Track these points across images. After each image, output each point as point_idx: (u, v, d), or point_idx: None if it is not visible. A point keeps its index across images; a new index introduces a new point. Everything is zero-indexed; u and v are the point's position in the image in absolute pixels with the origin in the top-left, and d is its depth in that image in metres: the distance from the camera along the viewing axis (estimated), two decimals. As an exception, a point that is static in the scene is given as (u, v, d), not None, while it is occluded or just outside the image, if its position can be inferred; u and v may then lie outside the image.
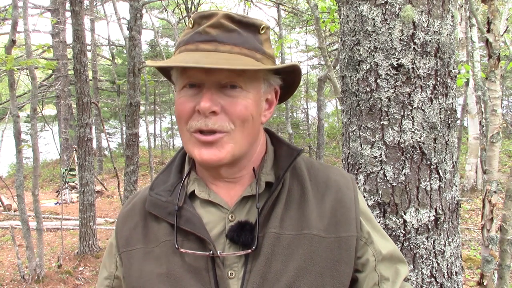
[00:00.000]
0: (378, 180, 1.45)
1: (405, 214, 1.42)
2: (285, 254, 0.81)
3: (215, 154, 0.80)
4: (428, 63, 1.41)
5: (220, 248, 0.82)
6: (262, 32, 0.85)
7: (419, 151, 1.42)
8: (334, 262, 0.82)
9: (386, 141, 1.44)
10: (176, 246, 0.82)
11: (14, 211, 9.26)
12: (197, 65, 0.75)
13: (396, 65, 1.40)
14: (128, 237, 0.90)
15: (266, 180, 0.87)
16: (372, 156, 1.46)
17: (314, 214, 0.85)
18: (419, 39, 1.39)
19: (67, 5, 12.44)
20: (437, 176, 1.44)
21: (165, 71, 0.92)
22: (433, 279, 1.44)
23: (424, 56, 1.40)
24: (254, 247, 0.80)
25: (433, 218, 1.44)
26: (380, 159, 1.45)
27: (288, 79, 0.91)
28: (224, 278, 0.80)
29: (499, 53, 2.07)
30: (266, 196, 0.84)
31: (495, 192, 2.14)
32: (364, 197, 1.49)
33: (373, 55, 1.44)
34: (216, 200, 0.86)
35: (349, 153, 1.56)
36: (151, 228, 0.88)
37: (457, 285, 1.51)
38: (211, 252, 0.80)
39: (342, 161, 1.64)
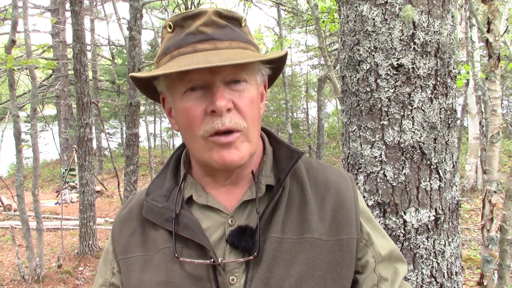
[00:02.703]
0: (378, 180, 1.45)
1: (405, 214, 1.42)
2: (287, 259, 0.79)
3: (237, 155, 0.78)
4: (428, 63, 1.41)
5: (220, 254, 0.80)
6: (243, 25, 0.83)
7: (419, 151, 1.42)
8: (335, 265, 0.81)
9: (386, 141, 1.43)
10: (176, 255, 0.80)
11: (14, 211, 9.26)
12: (211, 64, 0.70)
13: (396, 65, 1.40)
14: (126, 244, 0.88)
15: (267, 183, 0.85)
16: (372, 156, 1.46)
17: (315, 217, 0.83)
18: (419, 39, 1.39)
19: (67, 5, 12.45)
20: (437, 176, 1.44)
21: (146, 83, 0.86)
22: (433, 279, 1.44)
23: (424, 56, 1.40)
24: (255, 253, 0.78)
25: (433, 218, 1.44)
26: (380, 159, 1.44)
27: (275, 69, 0.90)
28: (226, 285, 0.78)
29: (499, 53, 2.07)
30: (267, 200, 0.83)
31: (495, 192, 2.14)
32: (364, 197, 1.48)
33: (373, 55, 1.44)
34: (215, 204, 0.84)
35: (349, 153, 1.56)
36: (149, 234, 0.86)
37: (457, 285, 1.50)
38: (212, 260, 0.78)
39: (342, 161, 1.64)
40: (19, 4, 5.04)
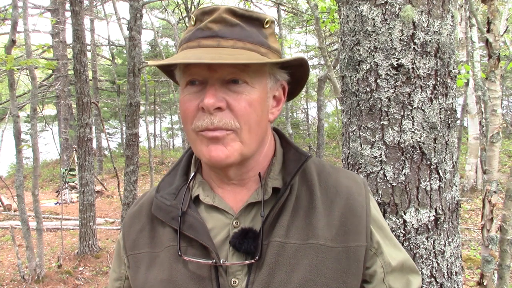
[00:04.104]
0: (378, 180, 1.45)
1: (405, 214, 1.42)
2: (290, 265, 0.78)
3: (223, 152, 0.77)
4: (428, 63, 1.41)
5: (224, 256, 0.80)
6: (267, 26, 0.82)
7: (419, 151, 1.42)
8: (341, 273, 0.79)
9: (386, 141, 1.43)
10: (179, 253, 0.80)
11: (14, 211, 9.26)
12: (199, 61, 0.72)
13: (396, 65, 1.40)
14: (135, 240, 0.89)
15: (273, 185, 0.83)
16: (372, 156, 1.46)
17: (322, 222, 0.81)
18: (419, 39, 1.39)
19: (67, 5, 12.44)
20: (437, 176, 1.44)
21: (169, 71, 0.89)
22: (433, 279, 1.44)
23: (424, 56, 1.40)
24: (257, 257, 0.77)
25: (433, 218, 1.44)
26: (380, 159, 1.44)
27: (296, 74, 0.87)
28: (227, 286, 0.78)
29: (499, 53, 2.07)
30: (272, 203, 0.81)
31: (495, 192, 2.14)
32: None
33: (373, 55, 1.43)
34: (221, 205, 0.84)
35: (349, 153, 1.56)
36: (157, 231, 0.87)
37: (457, 285, 1.51)
38: (214, 260, 0.78)
39: (342, 161, 1.64)
40: (19, 4, 5.04)
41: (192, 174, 0.89)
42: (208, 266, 0.79)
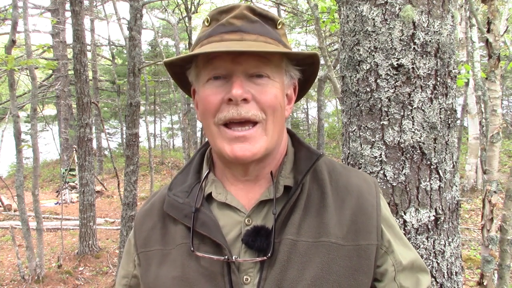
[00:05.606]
0: (378, 180, 1.45)
1: (405, 214, 1.42)
2: (302, 262, 0.78)
3: (249, 150, 0.78)
4: (428, 63, 1.41)
5: (236, 253, 0.80)
6: (279, 27, 0.84)
7: (419, 151, 1.42)
8: (352, 271, 0.79)
9: (386, 141, 1.43)
10: (192, 249, 0.81)
11: (14, 211, 9.26)
12: (230, 49, 0.73)
13: (396, 65, 1.40)
14: (146, 237, 0.90)
15: (285, 184, 0.85)
16: (372, 156, 1.46)
17: (333, 221, 0.82)
18: (419, 39, 1.39)
19: (67, 5, 12.45)
20: (437, 176, 1.44)
21: (179, 72, 0.89)
22: (433, 279, 1.44)
23: (424, 56, 1.40)
24: (269, 254, 0.78)
25: (433, 218, 1.44)
26: (380, 159, 1.44)
27: (305, 73, 0.89)
28: (239, 283, 0.78)
29: (499, 53, 2.07)
30: (284, 201, 0.82)
31: (495, 192, 2.14)
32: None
33: (373, 55, 1.43)
34: (233, 203, 0.85)
35: (349, 153, 1.56)
36: (169, 229, 0.88)
37: (457, 285, 1.51)
38: (226, 257, 0.79)
39: (342, 161, 1.64)
40: (19, 4, 5.04)
41: (205, 173, 0.90)
42: (221, 263, 0.80)
